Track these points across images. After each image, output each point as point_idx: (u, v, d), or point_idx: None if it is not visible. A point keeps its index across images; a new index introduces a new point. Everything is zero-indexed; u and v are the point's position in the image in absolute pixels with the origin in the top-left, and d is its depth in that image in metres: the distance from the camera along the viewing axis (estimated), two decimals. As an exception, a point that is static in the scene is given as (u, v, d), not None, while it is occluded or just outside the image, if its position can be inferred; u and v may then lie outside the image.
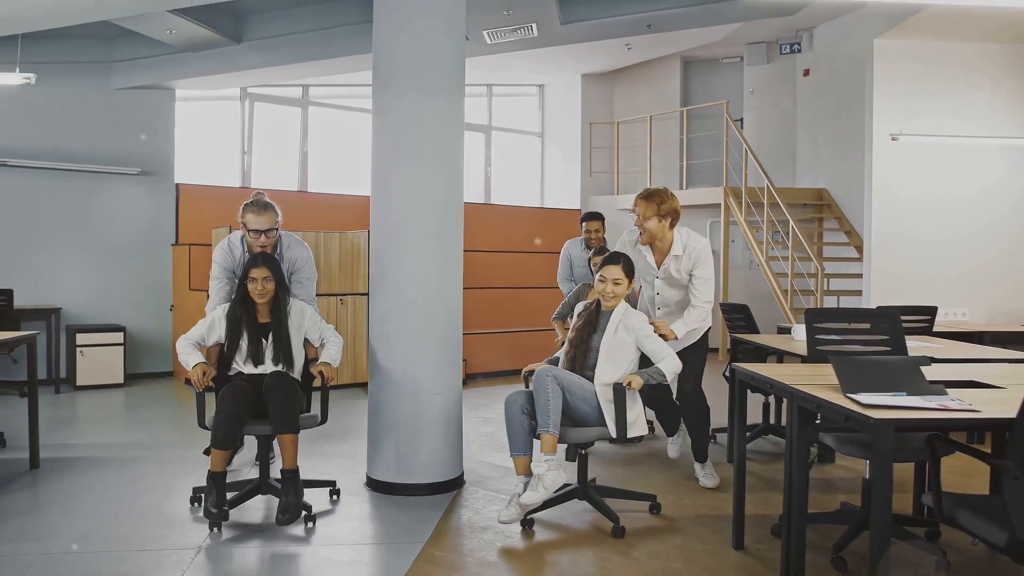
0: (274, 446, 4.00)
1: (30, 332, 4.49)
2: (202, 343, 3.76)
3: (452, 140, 4.23)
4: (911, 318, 5.07)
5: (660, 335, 3.76)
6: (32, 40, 6.41)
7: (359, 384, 7.34)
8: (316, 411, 3.77)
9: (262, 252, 3.86)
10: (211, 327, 3.76)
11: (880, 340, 3.52)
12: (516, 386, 3.70)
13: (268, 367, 3.69)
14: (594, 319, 3.76)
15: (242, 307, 3.73)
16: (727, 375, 4.56)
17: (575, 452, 3.74)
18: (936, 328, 5.22)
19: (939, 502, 2.38)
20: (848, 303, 8.20)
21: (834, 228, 9.59)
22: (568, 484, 3.67)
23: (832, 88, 9.52)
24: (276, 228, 3.97)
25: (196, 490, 3.78)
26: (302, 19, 7.46)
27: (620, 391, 3.49)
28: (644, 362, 3.70)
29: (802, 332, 3.81)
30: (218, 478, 3.46)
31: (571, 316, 4.49)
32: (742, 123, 10.43)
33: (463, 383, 4.36)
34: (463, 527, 3.59)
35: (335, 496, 3.95)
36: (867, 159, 6.37)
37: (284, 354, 3.71)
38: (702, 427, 4.31)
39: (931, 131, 6.08)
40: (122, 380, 7.34)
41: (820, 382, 2.75)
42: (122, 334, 7.39)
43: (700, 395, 4.29)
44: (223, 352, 3.77)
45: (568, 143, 11.27)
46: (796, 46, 10.18)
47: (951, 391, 2.57)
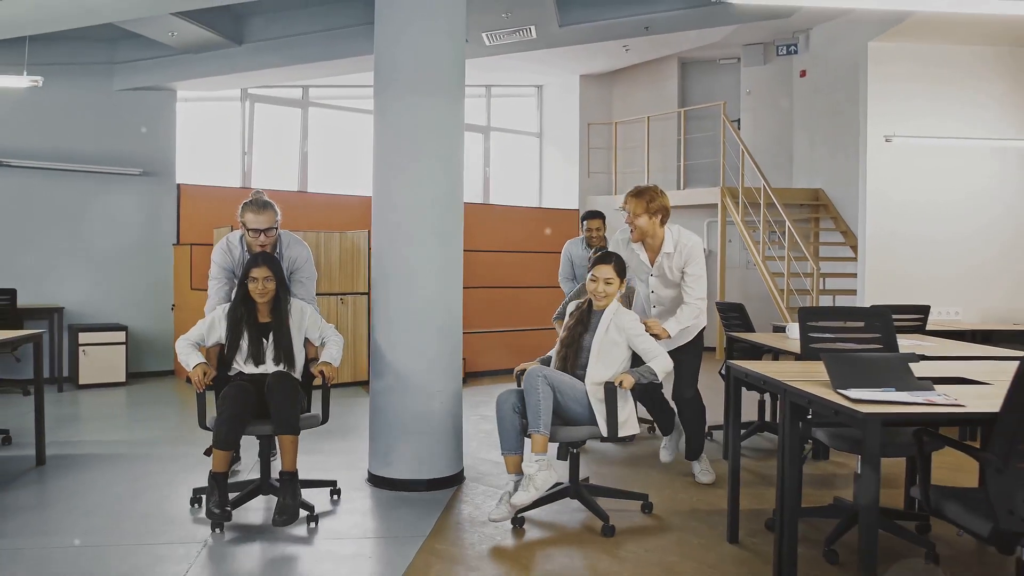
0: (276, 444, 4.03)
1: (36, 331, 4.54)
2: (202, 343, 3.74)
3: (452, 141, 4.29)
4: (904, 317, 5.14)
5: (653, 335, 3.77)
6: (35, 42, 6.45)
7: (359, 383, 7.42)
8: (316, 411, 3.78)
9: (263, 252, 3.84)
10: (211, 327, 3.75)
11: (872, 338, 3.60)
12: (514, 385, 3.72)
13: (269, 367, 3.69)
14: (586, 318, 3.77)
15: (243, 307, 3.71)
16: (723, 373, 4.64)
17: (566, 451, 3.74)
18: (929, 327, 5.30)
19: (926, 495, 2.45)
20: (844, 302, 8.26)
21: (830, 228, 9.67)
22: (560, 483, 3.66)
23: (828, 89, 9.59)
24: (275, 227, 3.95)
25: (196, 491, 3.77)
26: (302, 21, 7.53)
27: (611, 390, 3.49)
28: (637, 361, 3.71)
29: (796, 331, 3.88)
30: (220, 479, 3.44)
31: None
32: (739, 124, 10.49)
33: (463, 381, 4.42)
34: (463, 522, 3.65)
35: (335, 496, 3.96)
36: (861, 160, 6.43)
37: (285, 354, 3.70)
38: (698, 426, 4.36)
39: (925, 133, 6.13)
40: (124, 379, 7.40)
41: (812, 379, 2.81)
42: (124, 333, 7.44)
43: (697, 395, 4.35)
44: (223, 352, 3.75)
45: (566, 143, 11.33)
46: (792, 48, 10.26)
47: (940, 387, 2.65)
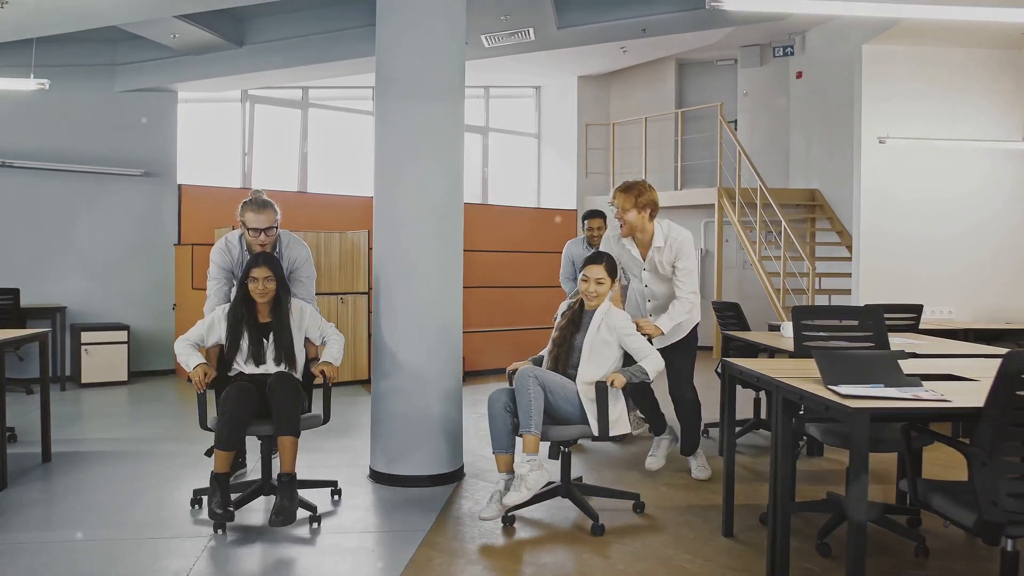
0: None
1: (42, 330, 4.60)
2: (201, 344, 3.73)
3: (453, 143, 4.36)
4: (897, 316, 5.21)
5: (646, 334, 3.79)
6: (38, 44, 6.50)
7: (359, 381, 7.48)
8: (317, 411, 3.77)
9: (263, 252, 3.83)
10: (211, 327, 3.74)
11: (864, 336, 3.68)
12: (507, 384, 3.71)
13: (270, 367, 3.68)
14: (577, 318, 3.78)
15: (243, 307, 3.70)
16: (719, 371, 4.71)
17: (557, 450, 3.73)
18: (922, 325, 5.36)
19: (914, 488, 2.53)
20: (839, 302, 8.33)
21: (826, 228, 9.74)
22: (552, 482, 3.66)
23: (824, 90, 9.66)
24: (275, 226, 3.95)
25: (197, 491, 3.76)
26: (302, 23, 7.59)
27: (602, 389, 3.50)
28: (629, 361, 3.72)
29: (791, 329, 3.95)
30: (222, 479, 3.43)
31: None
32: (736, 125, 10.57)
33: (462, 380, 4.47)
34: (463, 516, 3.71)
35: (336, 496, 3.97)
36: (856, 161, 6.51)
37: (286, 354, 3.69)
38: (694, 423, 4.42)
39: (918, 134, 6.21)
40: (126, 378, 7.45)
41: (805, 376, 2.89)
42: (126, 332, 7.50)
43: (693, 395, 4.39)
44: (223, 353, 3.74)
45: (564, 144, 11.40)
46: (789, 49, 10.34)
47: (929, 383, 2.72)
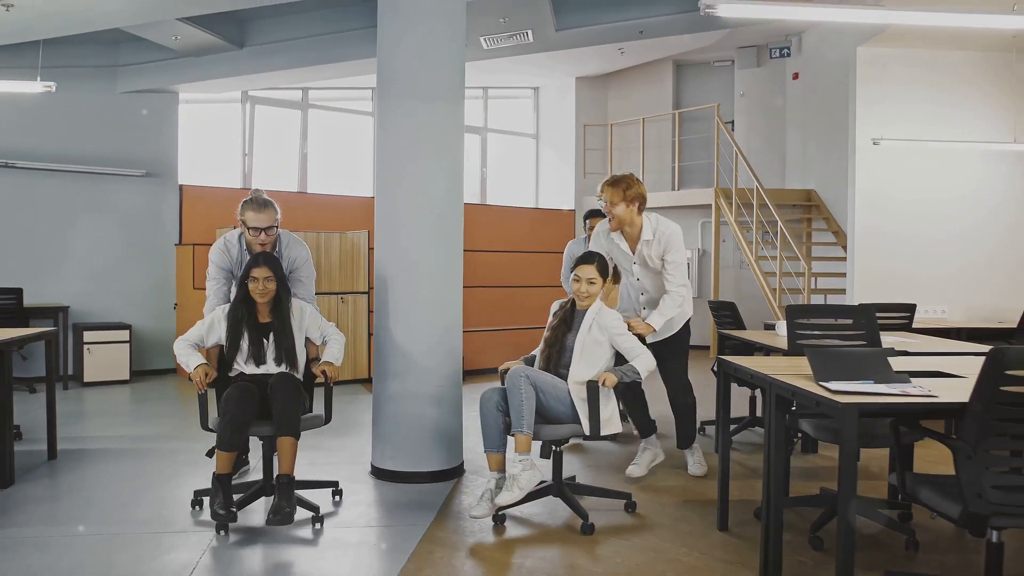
0: None
1: (49, 328, 4.66)
2: (201, 344, 3.71)
3: (453, 145, 4.43)
4: (891, 315, 5.28)
5: (637, 334, 3.82)
6: (37, 46, 6.57)
7: (359, 380, 7.55)
8: (319, 411, 3.75)
9: (263, 251, 3.83)
10: (210, 328, 3.73)
11: (856, 335, 3.75)
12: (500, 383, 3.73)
13: (270, 367, 3.67)
14: (569, 318, 3.81)
15: (243, 307, 3.69)
16: (715, 370, 4.78)
17: (549, 449, 3.72)
18: (916, 325, 5.44)
19: (903, 481, 2.60)
20: (835, 301, 8.39)
21: (822, 228, 9.82)
22: (544, 481, 3.67)
23: (820, 91, 9.73)
24: (276, 226, 3.95)
25: (197, 493, 3.75)
26: (303, 25, 7.66)
27: (594, 389, 3.52)
28: (620, 360, 3.74)
29: (785, 328, 4.02)
30: (224, 480, 3.42)
31: None
32: (733, 125, 10.65)
33: (462, 378, 4.54)
34: (464, 511, 3.78)
35: (337, 497, 3.95)
36: (850, 162, 6.58)
37: (287, 354, 3.69)
38: (690, 417, 4.48)
39: (912, 136, 6.27)
40: (128, 377, 7.52)
41: (797, 373, 2.96)
42: (128, 332, 7.57)
43: (688, 388, 4.46)
44: (223, 353, 3.73)
45: (562, 145, 11.46)
46: (785, 50, 10.42)
47: (918, 380, 2.79)
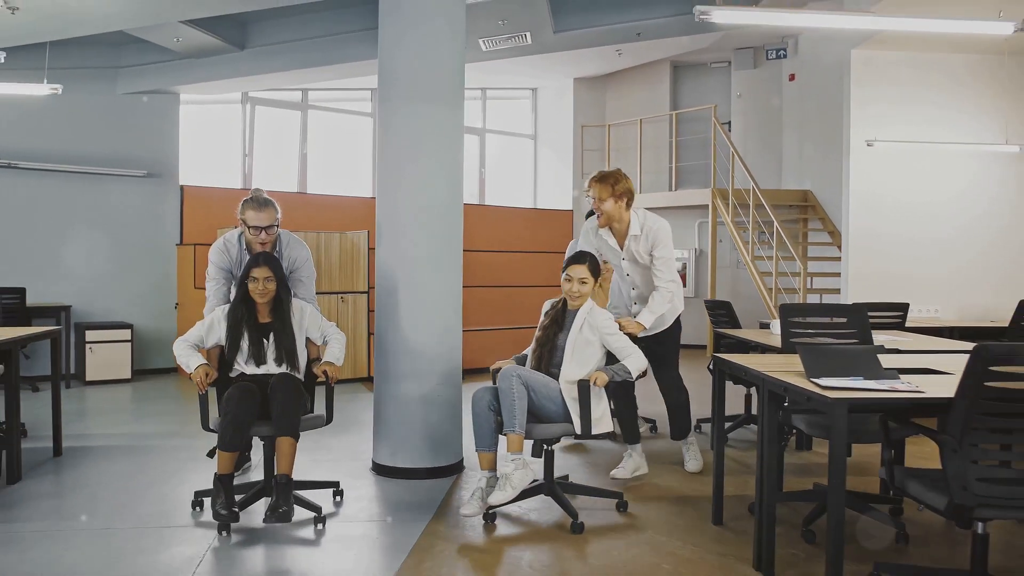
0: None
1: (55, 328, 4.73)
2: (200, 345, 3.70)
3: (453, 147, 4.50)
4: (884, 314, 5.35)
5: (628, 333, 3.84)
6: (43, 48, 6.63)
7: (359, 379, 7.62)
8: (320, 411, 3.75)
9: (263, 251, 3.83)
10: (210, 328, 3.72)
11: (848, 333, 3.83)
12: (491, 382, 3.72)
13: (271, 367, 3.66)
14: (560, 318, 3.82)
15: (243, 307, 3.68)
16: (711, 368, 4.85)
17: (541, 448, 3.73)
18: (909, 324, 5.50)
19: (891, 474, 2.68)
20: (830, 301, 8.48)
21: (818, 228, 9.91)
22: (536, 480, 3.69)
23: (816, 93, 9.81)
24: (276, 225, 3.94)
25: (198, 494, 3.74)
26: (303, 27, 7.73)
27: (585, 388, 3.54)
28: (612, 360, 3.75)
29: (779, 327, 4.10)
30: (226, 480, 3.41)
31: None
32: (730, 126, 10.72)
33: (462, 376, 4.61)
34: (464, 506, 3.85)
35: (338, 497, 3.93)
36: (845, 164, 6.65)
37: (288, 354, 3.68)
38: (682, 410, 4.52)
39: (906, 137, 6.35)
40: (129, 376, 7.58)
41: (790, 369, 3.03)
42: (129, 331, 7.63)
43: (679, 382, 4.50)
44: (223, 354, 3.73)
45: (560, 145, 11.53)
46: (782, 52, 10.51)
47: (908, 377, 2.86)
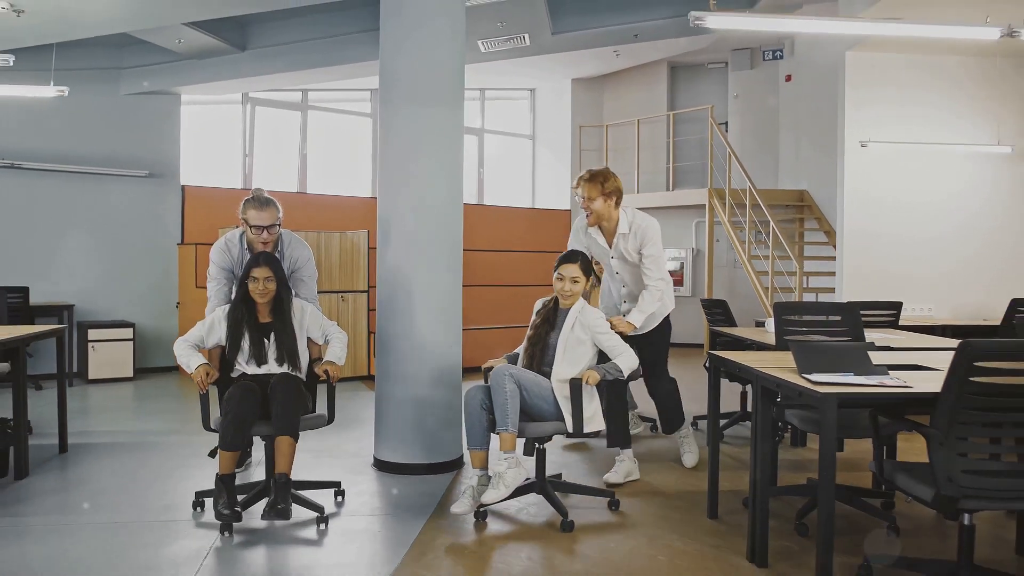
0: None
1: (61, 326, 4.79)
2: (201, 345, 3.71)
3: (453, 145, 4.57)
4: (878, 312, 5.42)
5: (619, 332, 3.87)
6: (47, 49, 6.69)
7: (360, 377, 7.69)
8: (322, 410, 3.75)
9: (264, 251, 3.82)
10: (210, 329, 3.72)
11: (840, 331, 3.91)
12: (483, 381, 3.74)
13: (272, 367, 3.66)
14: (552, 317, 3.84)
15: (243, 307, 3.68)
16: (707, 366, 4.92)
17: (532, 447, 3.73)
18: (903, 322, 5.58)
19: (880, 467, 2.76)
20: (826, 300, 8.56)
21: (814, 228, 9.98)
22: (529, 479, 3.70)
23: (812, 93, 9.87)
24: (278, 224, 3.96)
25: (199, 494, 3.74)
26: (304, 28, 7.80)
27: (577, 387, 3.56)
28: (603, 359, 3.77)
29: (773, 324, 4.17)
30: (228, 480, 3.42)
31: None
32: (727, 127, 10.80)
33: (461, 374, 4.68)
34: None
35: (340, 497, 3.92)
36: (839, 164, 6.73)
37: (289, 354, 3.67)
38: (671, 404, 4.55)
39: (899, 138, 6.42)
40: (131, 374, 7.65)
41: (782, 366, 3.10)
42: (131, 330, 7.70)
43: (666, 377, 4.53)
44: (224, 354, 3.74)
45: (558, 145, 11.60)
46: (778, 53, 10.58)
47: (898, 373, 2.94)
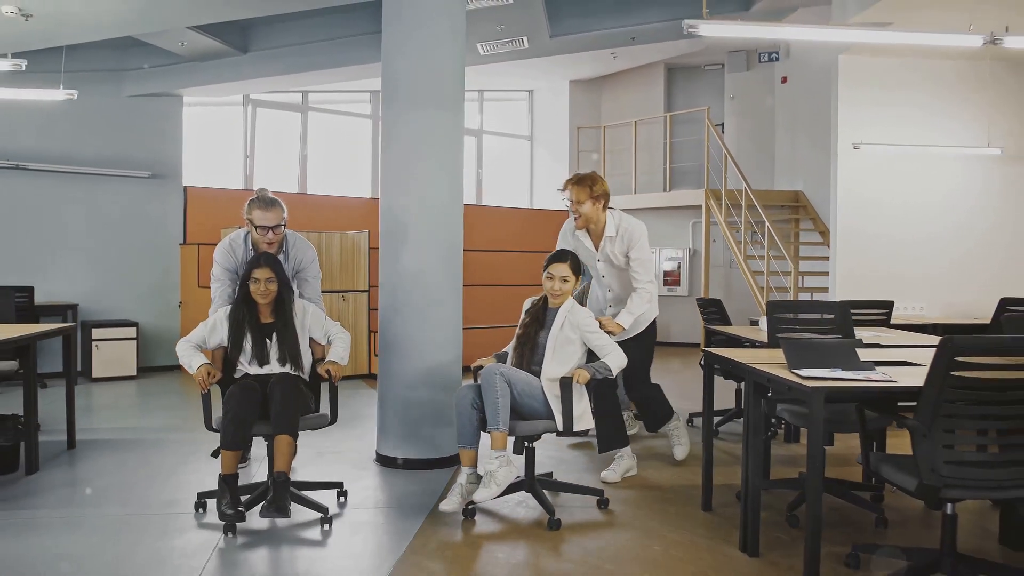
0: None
1: (69, 324, 4.89)
2: (203, 346, 3.71)
3: (454, 147, 4.67)
4: (870, 311, 5.52)
5: (608, 331, 3.92)
6: (50, 51, 6.78)
7: (360, 376, 7.79)
8: (324, 410, 3.74)
9: (265, 252, 3.83)
10: (212, 330, 3.72)
11: (831, 329, 4.01)
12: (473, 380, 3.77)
13: (274, 367, 3.66)
14: (541, 316, 3.86)
15: (244, 307, 3.68)
16: (702, 363, 5.02)
17: (522, 445, 3.74)
18: (894, 321, 5.68)
19: (867, 458, 2.86)
20: (820, 299, 8.66)
21: (809, 228, 10.08)
22: (520, 477, 3.72)
23: (808, 95, 9.97)
24: (283, 224, 3.97)
25: (201, 495, 3.73)
26: (305, 31, 7.90)
27: (567, 385, 3.57)
28: (592, 358, 3.81)
29: (766, 323, 4.27)
30: (230, 480, 3.42)
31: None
32: (723, 128, 10.91)
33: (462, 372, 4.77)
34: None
35: (343, 498, 3.91)
36: (833, 165, 6.83)
37: (291, 354, 3.68)
38: (652, 405, 4.61)
39: (892, 141, 6.52)
40: (135, 372, 7.74)
41: (774, 362, 3.20)
42: (135, 329, 7.79)
43: (648, 381, 4.59)
44: (227, 354, 3.74)
45: (556, 146, 11.70)
46: (774, 55, 10.69)
47: (885, 369, 3.04)
